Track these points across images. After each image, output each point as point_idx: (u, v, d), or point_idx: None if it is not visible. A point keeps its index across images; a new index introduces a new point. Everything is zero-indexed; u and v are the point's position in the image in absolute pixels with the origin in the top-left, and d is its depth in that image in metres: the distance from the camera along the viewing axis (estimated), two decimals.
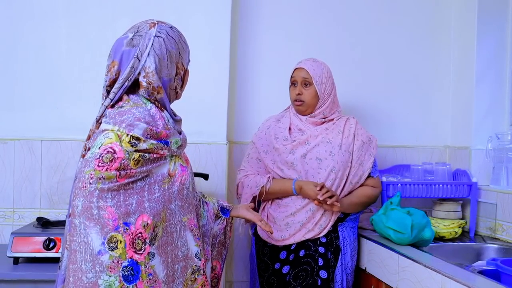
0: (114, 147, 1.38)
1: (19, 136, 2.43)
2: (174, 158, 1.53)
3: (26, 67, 2.45)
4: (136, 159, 1.40)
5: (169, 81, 1.52)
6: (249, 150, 2.36)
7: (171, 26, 1.56)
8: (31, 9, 2.45)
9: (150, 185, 1.44)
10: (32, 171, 2.43)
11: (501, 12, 2.66)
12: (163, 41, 1.49)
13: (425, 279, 1.82)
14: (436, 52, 2.85)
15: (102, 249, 1.36)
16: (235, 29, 2.64)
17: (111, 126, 1.42)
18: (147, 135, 1.41)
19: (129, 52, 1.47)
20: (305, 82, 2.25)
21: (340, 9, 2.76)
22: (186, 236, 1.54)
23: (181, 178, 1.52)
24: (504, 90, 2.68)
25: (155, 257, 1.44)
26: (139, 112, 1.43)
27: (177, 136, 1.51)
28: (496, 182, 2.52)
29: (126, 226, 1.39)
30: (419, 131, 2.84)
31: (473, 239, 2.44)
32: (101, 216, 1.37)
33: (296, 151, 2.21)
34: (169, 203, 1.49)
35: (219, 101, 2.53)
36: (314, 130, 2.25)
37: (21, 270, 2.02)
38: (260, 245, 2.25)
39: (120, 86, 1.47)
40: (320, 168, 2.18)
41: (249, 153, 2.34)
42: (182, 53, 1.55)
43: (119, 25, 1.95)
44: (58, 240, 2.07)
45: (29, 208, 2.44)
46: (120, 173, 1.38)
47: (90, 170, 1.38)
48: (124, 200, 1.39)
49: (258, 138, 2.34)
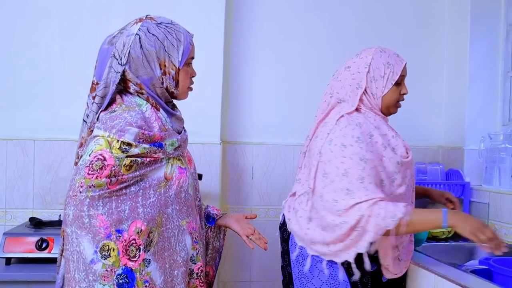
0: (104, 154, 1.35)
1: (11, 136, 2.42)
2: (172, 161, 1.49)
3: (19, 67, 2.44)
4: (128, 164, 1.37)
5: (149, 80, 1.45)
6: (358, 172, 1.66)
7: (161, 22, 1.48)
8: (24, 9, 2.44)
9: (144, 190, 1.41)
10: (25, 171, 2.42)
11: (493, 13, 2.68)
12: (138, 40, 1.42)
13: (418, 278, 1.83)
14: (429, 52, 2.86)
15: (94, 257, 1.35)
16: (229, 29, 2.64)
17: (101, 132, 1.39)
18: (139, 139, 1.38)
19: (107, 50, 1.44)
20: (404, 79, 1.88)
21: (333, 9, 2.76)
22: (186, 240, 1.50)
23: (179, 181, 1.49)
24: (497, 90, 2.69)
25: (151, 263, 1.41)
26: (130, 116, 1.40)
27: (174, 137, 1.47)
28: (488, 182, 2.53)
29: (119, 234, 1.36)
30: (412, 131, 2.85)
31: (466, 239, 2.44)
32: (92, 224, 1.35)
33: (409, 167, 1.82)
34: (166, 207, 1.46)
35: (213, 100, 2.53)
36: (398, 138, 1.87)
37: (13, 270, 2.01)
38: None
39: (103, 88, 1.43)
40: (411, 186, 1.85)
41: (363, 176, 1.66)
42: (170, 51, 1.46)
43: (113, 25, 1.95)
44: (51, 240, 2.06)
45: (22, 208, 2.42)
46: (110, 180, 1.35)
47: (80, 178, 1.35)
48: (116, 207, 1.37)
49: (370, 152, 1.70)
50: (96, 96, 1.44)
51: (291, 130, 2.68)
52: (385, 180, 1.72)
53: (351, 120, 1.76)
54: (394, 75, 1.81)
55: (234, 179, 2.67)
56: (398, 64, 1.82)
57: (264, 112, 2.69)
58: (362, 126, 1.75)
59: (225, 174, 2.62)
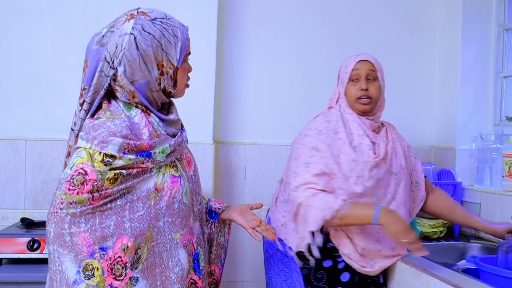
0: (85, 168, 1.26)
1: (2, 136, 2.40)
2: (164, 169, 1.37)
3: (11, 66, 2.42)
4: (112, 178, 1.27)
5: (146, 84, 1.34)
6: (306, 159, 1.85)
7: (155, 17, 1.36)
8: (15, 8, 2.42)
9: (132, 203, 1.31)
10: (16, 171, 2.41)
11: (485, 13, 2.69)
12: (134, 40, 1.31)
13: (410, 278, 1.84)
14: (421, 52, 2.87)
15: (77, 278, 1.26)
16: (222, 27, 2.63)
17: (84, 143, 1.29)
18: (124, 150, 1.27)
19: (97, 52, 1.33)
20: (370, 76, 1.93)
21: (327, 8, 2.77)
22: (179, 255, 1.39)
23: (171, 191, 1.37)
24: (488, 91, 2.71)
25: (139, 281, 1.31)
26: (115, 125, 1.29)
27: (166, 143, 1.36)
28: (480, 182, 2.54)
29: (103, 251, 1.27)
30: (404, 131, 2.81)
31: (458, 239, 2.46)
32: (74, 242, 1.26)
33: (381, 165, 1.88)
34: (156, 220, 1.35)
35: (206, 100, 2.52)
36: (380, 139, 1.94)
37: (4, 271, 1.99)
38: (310, 269, 1.89)
39: (93, 93, 1.33)
40: (395, 184, 1.92)
41: (309, 163, 1.83)
42: (167, 49, 1.35)
43: (105, 23, 1.93)
44: (43, 240, 2.04)
45: (13, 209, 2.41)
46: (93, 195, 1.26)
47: (61, 194, 1.26)
48: (100, 223, 1.28)
49: (327, 144, 1.86)
50: (85, 103, 1.35)
51: (284, 130, 2.68)
52: (338, 175, 1.83)
53: (324, 116, 1.96)
54: (346, 75, 1.95)
55: (227, 179, 2.67)
56: (351, 64, 1.95)
57: (257, 112, 2.68)
58: (331, 122, 1.92)
59: (217, 174, 2.61)
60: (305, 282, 1.89)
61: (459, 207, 2.19)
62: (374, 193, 1.87)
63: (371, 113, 1.96)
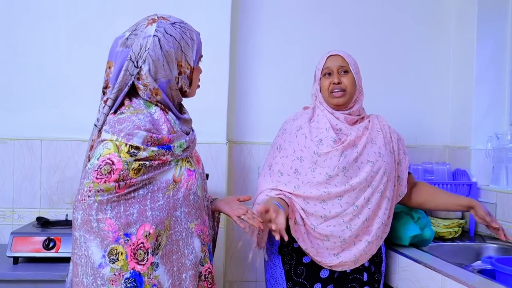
0: (112, 158, 1.35)
1: (18, 136, 2.43)
2: (181, 163, 1.49)
3: (26, 67, 2.45)
4: (136, 168, 1.37)
5: (167, 82, 1.46)
6: (270, 160, 2.00)
7: (174, 21, 1.49)
8: (30, 9, 2.45)
9: (153, 193, 1.41)
10: (32, 171, 2.43)
11: (501, 12, 2.67)
12: (158, 41, 1.42)
13: (425, 278, 1.82)
14: (435, 52, 2.85)
15: (102, 262, 1.35)
16: (235, 28, 2.64)
17: (110, 136, 1.39)
18: (147, 143, 1.38)
19: (122, 53, 1.43)
20: (342, 69, 1.98)
21: (339, 10, 2.76)
22: (194, 243, 1.50)
23: (188, 183, 1.49)
24: (504, 89, 2.68)
25: (158, 267, 1.41)
26: (139, 119, 1.40)
27: (182, 139, 1.47)
28: (495, 182, 2.52)
29: (127, 237, 1.37)
30: (418, 131, 2.84)
31: (473, 239, 2.44)
32: (100, 228, 1.35)
33: (348, 154, 1.91)
34: (174, 210, 1.46)
35: (219, 100, 2.53)
36: (356, 129, 1.96)
37: (20, 270, 2.01)
38: (291, 264, 1.95)
39: (117, 91, 1.43)
40: (373, 171, 1.92)
41: (271, 164, 1.98)
42: (186, 50, 1.48)
43: (119, 24, 1.95)
44: (58, 240, 2.06)
45: (29, 208, 2.43)
46: (119, 184, 1.36)
47: (89, 183, 1.36)
48: (124, 210, 1.37)
49: (289, 142, 1.97)
50: (109, 99, 1.45)
51: None
52: (302, 169, 1.91)
53: (294, 115, 2.08)
54: (319, 71, 2.03)
55: (241, 178, 2.67)
56: (322, 60, 2.03)
57: (270, 112, 2.68)
58: (296, 120, 2.03)
59: (231, 173, 2.62)
60: (286, 278, 1.94)
61: (442, 191, 2.17)
62: (345, 182, 1.89)
63: (347, 106, 2.00)
